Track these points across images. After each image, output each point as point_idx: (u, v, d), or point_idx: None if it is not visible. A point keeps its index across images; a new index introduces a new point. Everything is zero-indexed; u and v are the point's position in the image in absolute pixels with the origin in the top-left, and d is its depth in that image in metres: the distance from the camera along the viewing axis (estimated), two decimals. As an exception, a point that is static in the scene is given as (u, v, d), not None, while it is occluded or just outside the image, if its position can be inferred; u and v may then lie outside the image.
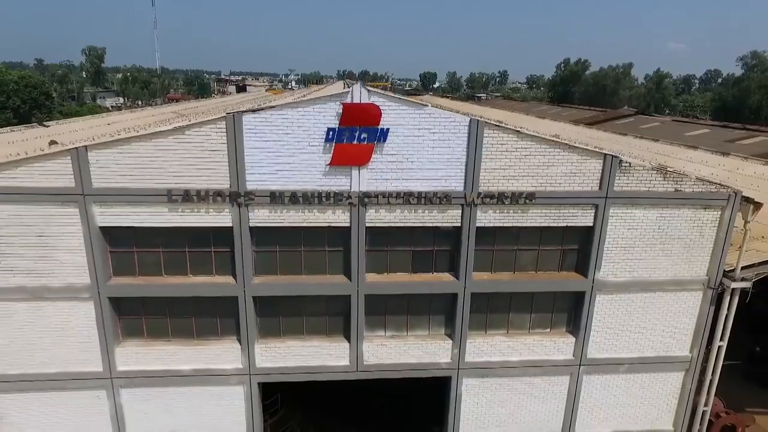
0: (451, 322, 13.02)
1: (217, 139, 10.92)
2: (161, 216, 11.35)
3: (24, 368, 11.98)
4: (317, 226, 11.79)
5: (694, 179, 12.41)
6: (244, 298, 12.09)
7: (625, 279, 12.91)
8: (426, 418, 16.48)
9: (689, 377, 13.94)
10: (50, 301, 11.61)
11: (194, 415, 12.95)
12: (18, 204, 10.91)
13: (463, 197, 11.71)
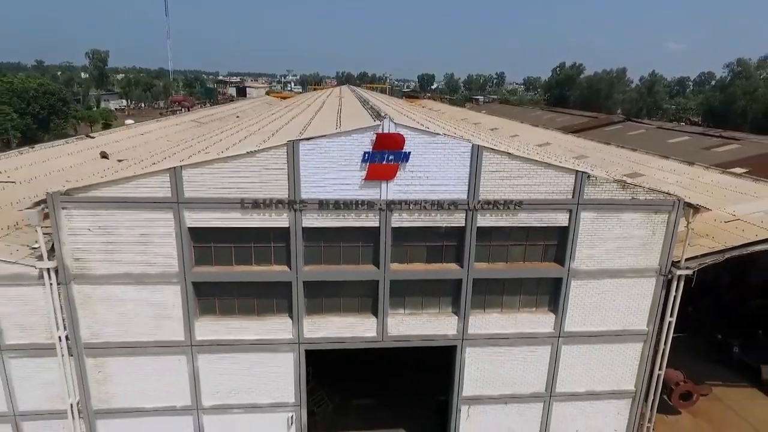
0: (456, 302, 16.47)
1: (279, 160, 14.32)
2: (234, 219, 14.77)
3: (126, 337, 15.38)
4: (353, 226, 15.22)
5: (647, 189, 15.88)
6: (296, 283, 15.51)
7: (594, 268, 16.37)
8: (433, 389, 20.00)
9: (647, 347, 17.42)
10: (148, 285, 15.02)
11: (253, 375, 16.36)
12: (127, 210, 14.31)
13: (466, 204, 15.15)
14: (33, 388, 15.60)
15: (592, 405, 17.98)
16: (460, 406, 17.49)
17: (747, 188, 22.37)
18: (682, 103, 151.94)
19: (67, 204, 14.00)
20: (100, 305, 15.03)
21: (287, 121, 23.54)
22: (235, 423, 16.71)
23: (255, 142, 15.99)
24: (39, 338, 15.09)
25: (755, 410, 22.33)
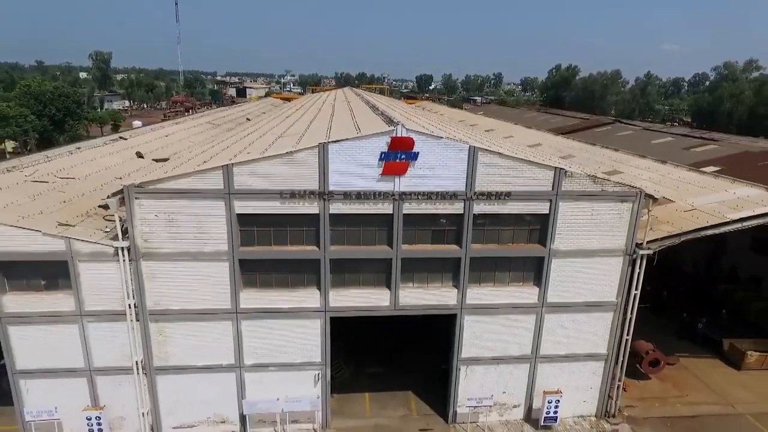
0: (456, 277, 19.71)
1: (312, 159, 17.53)
2: (274, 207, 17.97)
3: (183, 306, 18.57)
4: (371, 213, 18.44)
5: (614, 182, 19.15)
6: (323, 261, 18.73)
7: (571, 248, 19.63)
8: (436, 360, 23.24)
9: (616, 316, 20.69)
10: (203, 261, 18.23)
11: (287, 338, 19.57)
12: (187, 199, 17.50)
13: (464, 195, 18.39)
14: (105, 348, 18.81)
15: (571, 365, 21.25)
16: (459, 366, 20.76)
17: (707, 183, 25.71)
18: (676, 104, 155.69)
19: (139, 194, 17.20)
20: (163, 278, 18.24)
21: (307, 125, 26.78)
22: (271, 379, 19.91)
23: (289, 144, 19.25)
24: (112, 306, 18.28)
25: (715, 376, 25.69)
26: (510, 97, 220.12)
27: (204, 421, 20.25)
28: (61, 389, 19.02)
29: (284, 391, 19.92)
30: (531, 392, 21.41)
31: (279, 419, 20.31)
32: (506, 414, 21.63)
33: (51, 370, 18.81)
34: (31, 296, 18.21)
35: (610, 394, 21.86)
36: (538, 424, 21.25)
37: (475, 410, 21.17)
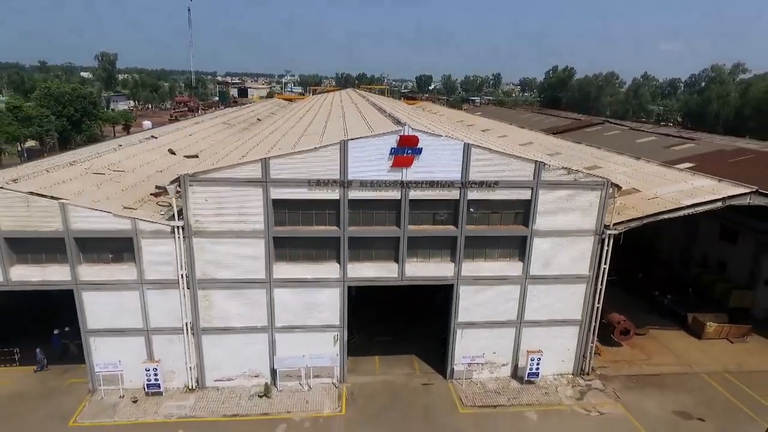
0: (453, 253, 23.44)
1: (334, 153, 21.27)
2: (302, 193, 21.70)
3: (226, 275, 22.31)
4: (383, 199, 22.18)
5: (585, 173, 22.92)
6: (343, 239, 22.47)
7: (549, 229, 23.37)
8: (435, 330, 26.98)
9: (588, 287, 24.45)
10: (243, 239, 21.97)
11: (312, 303, 23.31)
12: (231, 186, 21.24)
13: (460, 183, 22.12)
14: (160, 311, 22.56)
15: (551, 330, 25.01)
16: (456, 329, 24.52)
17: (671, 176, 29.52)
18: (670, 104, 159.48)
19: (193, 182, 20.95)
20: (210, 252, 21.98)
21: (324, 125, 30.57)
22: (297, 339, 23.65)
23: (313, 141, 23.05)
24: (167, 276, 22.04)
25: (678, 344, 29.51)
26: (508, 98, 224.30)
27: (240, 375, 24.01)
28: (123, 346, 22.78)
29: (308, 350, 23.69)
30: (517, 352, 25.19)
31: (303, 374, 24.09)
32: (496, 371, 25.41)
33: (116, 329, 22.57)
34: (101, 267, 21.98)
35: (585, 354, 25.64)
36: (522, 380, 25.03)
37: (469, 368, 24.99)
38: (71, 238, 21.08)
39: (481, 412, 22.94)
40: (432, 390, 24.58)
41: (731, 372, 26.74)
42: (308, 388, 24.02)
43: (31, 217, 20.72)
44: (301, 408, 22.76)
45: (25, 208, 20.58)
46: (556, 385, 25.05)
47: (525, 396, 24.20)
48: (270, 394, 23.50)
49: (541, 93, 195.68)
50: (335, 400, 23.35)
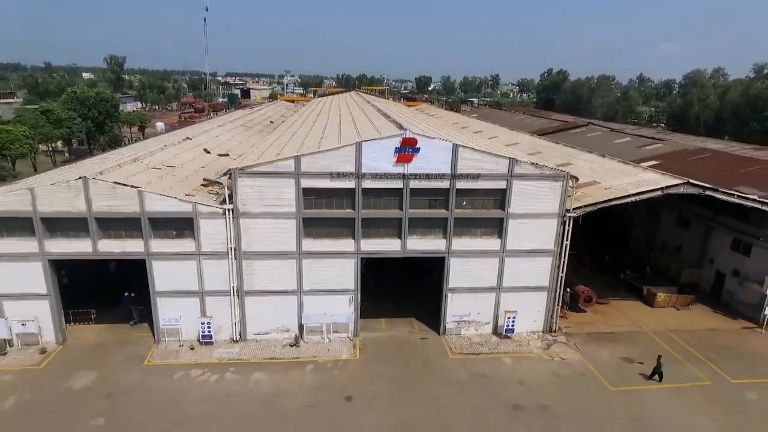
0: (444, 232, 29.33)
1: (351, 152, 27.17)
2: (325, 183, 27.57)
3: (265, 249, 28.20)
4: (389, 187, 28.06)
5: (549, 168, 28.84)
6: (357, 219, 28.37)
7: (522, 212, 29.25)
8: (431, 299, 32.80)
9: (554, 259, 30.36)
10: (279, 219, 27.86)
11: (332, 273, 29.19)
12: (270, 178, 27.13)
13: (450, 175, 28.02)
14: (212, 277, 28.44)
15: (524, 294, 30.89)
16: (447, 294, 30.43)
17: (626, 171, 35.44)
18: (661, 106, 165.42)
19: (241, 174, 26.85)
20: (253, 230, 27.87)
21: (338, 128, 36.52)
22: (320, 301, 29.53)
23: (333, 142, 28.98)
24: (218, 248, 27.93)
25: (634, 311, 35.43)
26: (505, 99, 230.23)
27: (274, 330, 29.92)
28: (182, 305, 28.67)
29: (329, 309, 29.60)
30: (497, 313, 31.12)
31: (325, 329, 30.00)
32: (480, 329, 31.33)
33: (177, 291, 28.47)
34: (167, 242, 27.86)
35: (552, 315, 31.56)
36: (501, 335, 30.96)
37: (458, 325, 30.92)
38: (146, 218, 26.97)
39: (466, 358, 28.87)
40: (428, 342, 30.51)
41: (673, 331, 32.68)
42: (329, 340, 29.95)
43: (115, 202, 26.61)
44: (324, 354, 28.70)
45: (112, 194, 26.47)
46: (528, 339, 30.99)
47: (502, 347, 30.14)
48: (298, 344, 29.44)
49: (538, 94, 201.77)
50: (351, 349, 29.30)
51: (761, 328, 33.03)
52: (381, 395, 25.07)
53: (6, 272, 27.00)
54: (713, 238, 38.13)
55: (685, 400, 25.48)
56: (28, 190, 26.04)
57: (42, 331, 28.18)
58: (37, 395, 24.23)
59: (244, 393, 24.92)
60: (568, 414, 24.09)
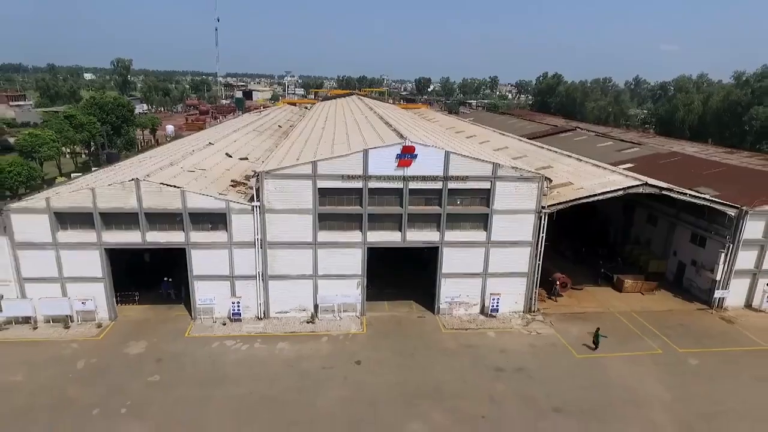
0: (438, 225, 34.45)
1: (359, 157, 32.30)
2: (337, 184, 32.66)
3: (286, 239, 33.32)
4: (391, 188, 33.18)
5: (529, 171, 33.97)
6: (364, 215, 33.49)
7: (504, 208, 34.39)
8: (427, 285, 37.89)
9: (532, 249, 35.47)
10: (298, 214, 32.99)
11: (342, 260, 34.31)
12: (291, 179, 32.25)
13: (443, 177, 33.15)
14: (241, 264, 33.53)
15: (507, 279, 35.98)
16: (441, 278, 35.55)
17: (597, 172, 40.57)
18: (652, 108, 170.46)
19: (267, 176, 31.96)
20: (276, 224, 32.96)
21: (346, 135, 41.64)
22: (332, 284, 34.62)
23: (344, 149, 34.10)
24: (247, 239, 33.03)
25: (604, 296, 40.56)
26: (502, 101, 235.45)
27: (293, 309, 35.02)
28: (215, 287, 33.77)
29: (340, 291, 34.70)
30: (483, 295, 36.23)
31: (336, 308, 35.10)
32: (469, 309, 36.45)
33: (211, 276, 33.56)
34: (203, 233, 32.94)
35: (531, 297, 36.68)
36: (487, 314, 36.08)
37: (450, 306, 36.05)
38: (186, 213, 32.08)
39: (457, 332, 34.00)
40: (424, 320, 35.64)
41: (636, 312, 37.81)
42: (340, 318, 35.06)
43: (161, 199, 31.71)
44: (336, 329, 33.82)
45: (159, 193, 31.57)
46: (510, 318, 36.12)
47: (488, 324, 35.28)
48: (314, 321, 34.56)
49: (535, 97, 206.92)
50: (359, 325, 34.43)
51: (712, 309, 38.21)
52: (385, 360, 30.19)
53: (70, 259, 32.12)
54: (676, 232, 43.27)
55: (638, 365, 30.62)
56: (89, 189, 31.18)
57: (97, 309, 33.30)
58: (101, 359, 29.34)
59: (271, 358, 30.08)
60: (540, 375, 29.22)
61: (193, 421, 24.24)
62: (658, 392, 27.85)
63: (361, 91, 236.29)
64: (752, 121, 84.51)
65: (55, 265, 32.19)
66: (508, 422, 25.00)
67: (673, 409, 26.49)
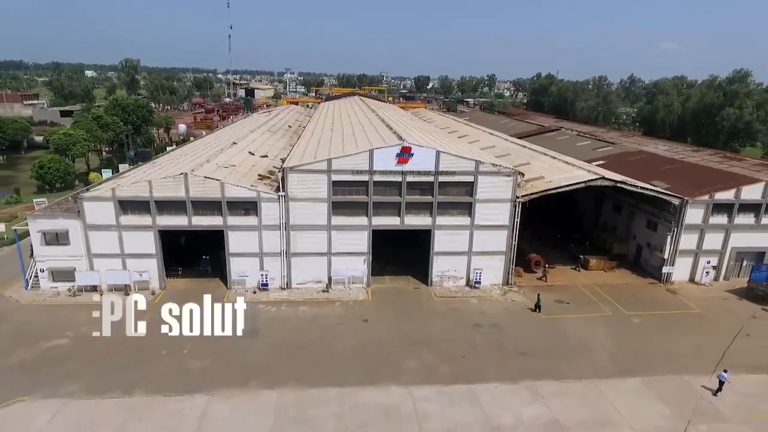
0: (431, 212, 41.73)
1: (366, 156, 39.54)
2: (348, 177, 39.88)
3: (306, 222, 40.58)
4: (392, 181, 40.41)
5: (506, 167, 41.26)
6: (369, 203, 40.76)
7: (485, 198, 41.67)
8: (423, 263, 45.24)
9: (509, 232, 42.80)
10: (316, 202, 40.23)
11: (352, 241, 41.59)
12: (310, 173, 39.51)
13: (434, 172, 40.40)
14: (269, 243, 40.80)
15: (488, 257, 43.29)
16: (433, 256, 42.88)
17: (565, 169, 47.82)
18: (639, 108, 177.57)
19: (290, 171, 39.24)
20: (298, 210, 40.21)
21: (353, 136, 48.93)
22: (344, 260, 41.92)
23: (353, 149, 41.40)
24: (277, 222, 40.31)
25: (572, 273, 47.93)
26: (498, 100, 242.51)
27: (310, 281, 42.32)
28: (247, 262, 41.06)
29: (349, 266, 42.02)
30: (468, 270, 43.56)
31: (346, 280, 42.42)
32: (456, 282, 43.78)
33: (244, 253, 40.83)
34: (238, 217, 40.18)
35: (508, 272, 44.03)
36: (471, 286, 43.43)
37: (440, 279, 43.40)
38: (225, 201, 39.34)
39: (446, 299, 41.36)
40: (419, 291, 42.99)
41: (597, 285, 45.16)
42: (349, 288, 42.38)
43: (204, 190, 38.95)
44: (347, 296, 41.14)
45: (202, 184, 38.81)
46: (491, 289, 43.46)
47: (472, 293, 42.64)
48: (328, 290, 41.88)
49: (530, 96, 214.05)
50: (365, 294, 41.76)
51: (661, 283, 45.59)
52: (387, 319, 37.54)
53: (130, 238, 39.40)
54: (635, 220, 50.61)
55: (591, 323, 37.99)
56: (147, 181, 38.46)
57: (151, 280, 40.58)
58: (159, 317, 36.56)
59: (295, 316, 37.47)
60: (510, 329, 36.59)
61: (241, 360, 31.56)
62: (603, 342, 35.25)
63: (362, 89, 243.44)
64: (723, 122, 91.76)
65: (118, 243, 39.44)
66: (482, 361, 32.38)
67: (613, 353, 33.88)
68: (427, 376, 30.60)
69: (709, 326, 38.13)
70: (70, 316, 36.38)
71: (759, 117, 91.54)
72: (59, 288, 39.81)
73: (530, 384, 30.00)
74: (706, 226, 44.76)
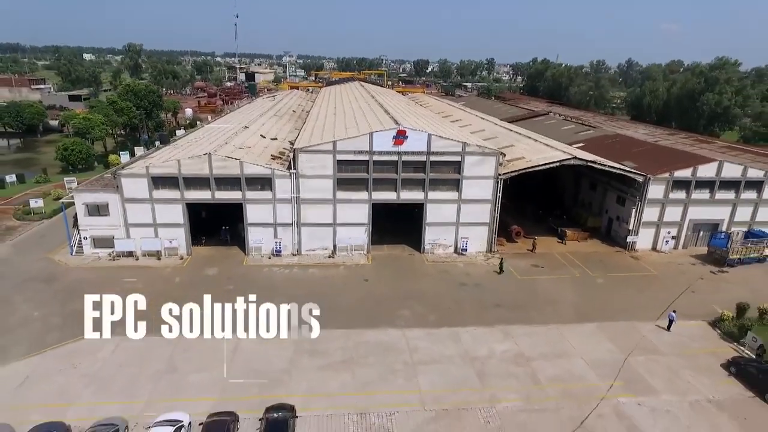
0: (424, 187, 47.58)
1: (366, 138, 45.25)
2: (350, 156, 45.65)
3: (314, 196, 46.42)
4: (389, 160, 46.18)
5: (489, 148, 47.03)
6: (369, 179, 46.57)
7: (471, 175, 47.48)
8: (416, 230, 51.25)
9: (491, 205, 48.74)
10: (323, 179, 46.04)
11: (354, 213, 47.49)
12: (318, 153, 45.27)
13: (426, 152, 46.15)
14: (282, 214, 46.72)
15: (474, 227, 49.26)
16: (425, 226, 48.87)
17: (543, 150, 53.52)
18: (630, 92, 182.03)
19: (300, 151, 45.00)
20: (307, 185, 46.05)
21: (354, 120, 54.57)
22: (347, 230, 47.86)
23: (355, 131, 47.09)
24: (286, 196, 46.19)
25: (550, 243, 53.98)
26: (496, 84, 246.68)
27: (318, 248, 48.34)
28: (263, 231, 47.04)
29: (352, 235, 48.02)
30: (456, 239, 49.60)
31: (349, 247, 48.45)
32: (446, 249, 49.83)
33: (260, 223, 46.77)
34: (255, 192, 46.02)
35: (491, 241, 50.06)
36: (459, 253, 49.50)
37: (432, 247, 49.46)
38: (243, 178, 45.15)
39: (436, 264, 47.46)
40: (413, 257, 49.08)
41: (570, 252, 51.25)
42: (352, 254, 48.44)
43: (226, 168, 44.71)
44: (350, 261, 47.23)
45: (224, 163, 44.57)
46: (476, 255, 49.54)
47: (459, 259, 48.73)
48: (334, 256, 47.95)
49: (527, 80, 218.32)
50: (365, 259, 47.84)
51: (626, 251, 51.70)
52: (385, 279, 43.68)
53: (161, 210, 45.28)
54: (607, 196, 56.52)
55: (560, 283, 44.16)
56: (176, 161, 44.23)
57: (179, 247, 46.59)
58: (190, 277, 42.74)
59: (306, 276, 43.61)
60: (490, 287, 42.76)
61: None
62: (569, 297, 41.47)
63: (361, 73, 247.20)
64: (704, 107, 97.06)
65: (151, 214, 45.34)
66: (464, 311, 38.59)
67: (576, 305, 40.11)
68: (418, 321, 36.81)
69: (662, 285, 44.32)
70: (112, 275, 42.45)
71: (737, 102, 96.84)
72: (100, 253, 45.82)
73: (503, 327, 36.23)
74: (667, 201, 50.70)
